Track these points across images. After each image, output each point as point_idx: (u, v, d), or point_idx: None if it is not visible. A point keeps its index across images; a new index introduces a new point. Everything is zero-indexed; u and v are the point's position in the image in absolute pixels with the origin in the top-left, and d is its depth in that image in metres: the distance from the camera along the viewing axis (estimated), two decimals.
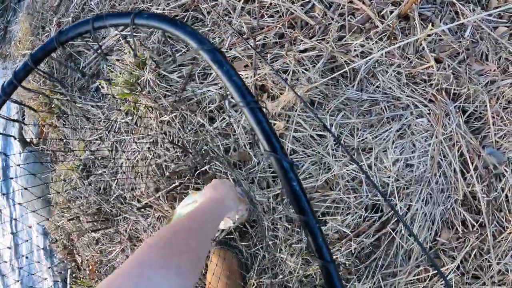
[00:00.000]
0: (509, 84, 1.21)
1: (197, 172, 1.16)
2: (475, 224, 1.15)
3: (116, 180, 1.43)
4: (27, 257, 1.98)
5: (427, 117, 1.13)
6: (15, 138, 0.81)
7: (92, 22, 0.50)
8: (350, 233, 1.03)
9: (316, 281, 1.11)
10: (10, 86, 0.57)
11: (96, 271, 1.73)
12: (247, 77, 1.11)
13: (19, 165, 1.22)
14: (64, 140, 1.75)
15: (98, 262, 1.71)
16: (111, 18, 0.49)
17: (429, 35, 1.17)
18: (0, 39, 2.75)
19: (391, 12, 1.16)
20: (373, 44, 1.11)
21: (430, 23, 1.19)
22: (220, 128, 1.15)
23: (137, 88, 1.34)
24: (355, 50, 1.11)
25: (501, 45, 1.24)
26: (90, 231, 1.53)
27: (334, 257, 1.03)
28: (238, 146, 1.12)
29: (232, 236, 1.19)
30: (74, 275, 1.98)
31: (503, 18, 1.28)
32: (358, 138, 1.08)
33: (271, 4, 1.20)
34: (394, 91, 1.11)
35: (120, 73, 1.38)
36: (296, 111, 1.07)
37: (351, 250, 1.04)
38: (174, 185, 1.20)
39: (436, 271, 1.13)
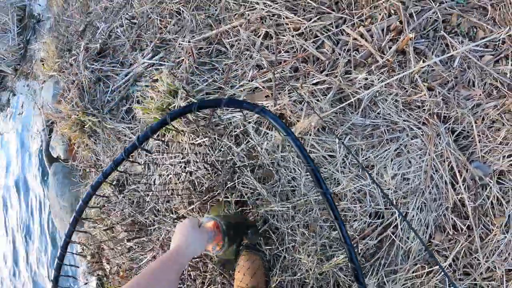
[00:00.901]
0: (493, 106, 1.52)
1: (227, 187, 1.49)
2: (463, 227, 1.46)
3: (150, 194, 1.76)
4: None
5: (421, 137, 1.45)
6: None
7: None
8: (356, 236, 1.36)
9: (329, 278, 1.43)
10: (144, 138, 0.90)
11: (127, 277, 2.05)
12: (267, 106, 1.43)
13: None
14: (95, 157, 2.08)
15: (129, 269, 2.02)
16: (208, 103, 0.82)
17: (422, 67, 1.49)
18: (20, 57, 3.08)
19: (390, 48, 1.48)
20: (374, 77, 1.43)
21: (424, 56, 1.52)
22: (245, 149, 1.48)
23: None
24: (359, 83, 1.44)
25: (486, 72, 1.55)
26: (126, 240, 1.85)
27: (343, 256, 1.35)
28: (263, 165, 1.45)
29: (257, 241, 1.51)
30: (101, 283, 2.30)
31: (488, 47, 1.60)
32: (362, 157, 1.40)
33: (286, 40, 1.53)
34: (392, 116, 1.44)
35: (152, 99, 1.71)
36: (310, 135, 1.40)
37: (358, 251, 1.36)
38: (206, 197, 1.53)
39: (431, 268, 1.45)
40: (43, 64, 2.58)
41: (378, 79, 1.44)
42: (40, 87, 2.60)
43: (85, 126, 2.06)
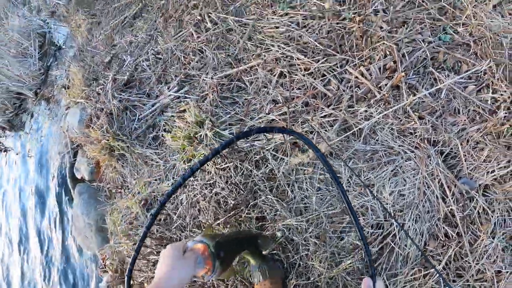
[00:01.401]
0: (477, 129, 1.95)
1: (249, 205, 1.93)
2: (454, 234, 1.87)
3: (177, 212, 2.20)
4: None
5: (414, 160, 1.89)
6: None
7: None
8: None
9: (338, 281, 1.86)
10: (215, 152, 1.29)
11: None
12: (283, 136, 1.88)
13: None
14: (122, 179, 2.52)
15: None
16: (264, 129, 1.26)
17: (413, 99, 1.94)
18: (41, 82, 3.56)
19: (386, 84, 1.93)
20: (373, 109, 1.88)
21: (415, 90, 1.97)
22: (264, 173, 1.92)
23: (194, 141, 2.11)
24: (360, 115, 1.89)
25: (470, 100, 1.99)
26: (154, 253, 2.29)
27: (349, 261, 1.78)
28: (280, 185, 1.89)
29: (275, 252, 1.95)
30: None
31: (471, 79, 2.04)
32: (364, 178, 1.84)
33: (298, 79, 1.98)
34: (389, 142, 1.88)
35: (179, 128, 2.16)
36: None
37: (362, 257, 1.79)
38: (230, 214, 1.96)
39: (427, 271, 1.86)
40: (67, 91, 3.04)
41: (376, 111, 1.89)
42: (64, 112, 3.06)
43: (114, 151, 2.50)
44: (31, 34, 3.67)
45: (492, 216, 1.83)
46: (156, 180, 2.36)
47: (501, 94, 1.96)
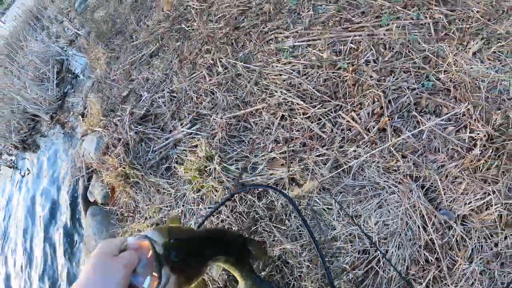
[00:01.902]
0: (455, 165, 2.41)
1: (251, 230, 2.42)
2: (433, 259, 2.30)
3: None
4: None
5: (397, 193, 2.36)
6: None
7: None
8: (348, 268, 2.25)
9: None
10: (239, 191, 1.83)
11: None
12: (283, 172, 2.38)
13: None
14: (135, 205, 3.03)
15: None
16: (259, 187, 1.77)
17: (397, 140, 2.43)
18: (57, 107, 4.12)
19: (373, 127, 2.42)
20: (361, 149, 2.38)
21: (399, 131, 2.46)
22: (265, 203, 2.41)
23: (204, 173, 2.62)
24: (350, 154, 2.38)
25: (449, 140, 2.46)
26: None
27: (337, 282, 2.25)
28: (278, 214, 2.39)
29: (272, 273, 2.42)
30: None
31: (451, 120, 2.51)
32: (352, 209, 2.33)
33: (297, 122, 2.49)
34: (375, 178, 2.36)
35: (191, 161, 2.67)
36: (313, 193, 2.33)
37: (349, 279, 2.25)
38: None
39: None
40: (84, 119, 3.56)
41: (364, 151, 2.37)
42: (80, 139, 3.58)
43: (129, 178, 3.00)
44: (49, 60, 4.22)
45: (469, 243, 2.18)
46: (167, 206, 2.85)
47: (478, 133, 2.34)
